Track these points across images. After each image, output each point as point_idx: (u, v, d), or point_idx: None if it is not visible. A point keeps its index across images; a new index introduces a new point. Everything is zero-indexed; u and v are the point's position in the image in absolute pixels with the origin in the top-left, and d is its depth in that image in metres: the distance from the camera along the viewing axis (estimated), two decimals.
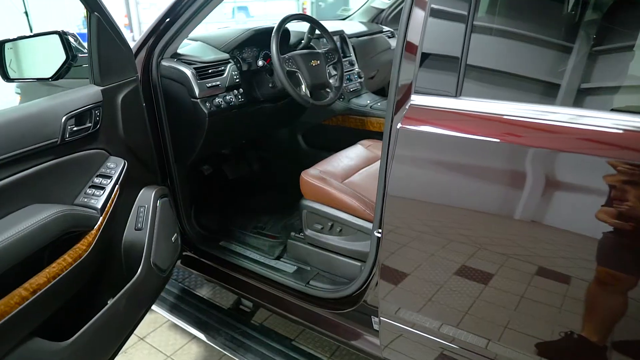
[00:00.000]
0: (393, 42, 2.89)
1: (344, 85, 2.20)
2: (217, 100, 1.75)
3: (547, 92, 1.03)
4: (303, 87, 1.81)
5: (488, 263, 1.04)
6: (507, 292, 1.04)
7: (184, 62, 1.73)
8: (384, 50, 2.78)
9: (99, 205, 1.30)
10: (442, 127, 1.05)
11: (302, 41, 2.08)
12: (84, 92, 1.33)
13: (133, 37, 7.88)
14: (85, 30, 1.37)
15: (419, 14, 1.06)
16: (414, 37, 1.08)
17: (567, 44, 1.05)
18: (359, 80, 2.41)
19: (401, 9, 3.04)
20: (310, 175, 1.68)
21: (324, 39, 2.29)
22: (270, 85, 1.92)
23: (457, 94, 1.04)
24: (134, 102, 1.53)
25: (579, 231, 0.91)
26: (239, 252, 1.91)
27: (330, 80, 1.97)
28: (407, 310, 1.23)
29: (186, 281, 2.26)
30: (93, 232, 1.27)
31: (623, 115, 0.86)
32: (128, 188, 1.45)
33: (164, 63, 1.72)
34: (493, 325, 1.10)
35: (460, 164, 1.04)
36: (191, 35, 2.00)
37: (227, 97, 1.79)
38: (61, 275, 1.14)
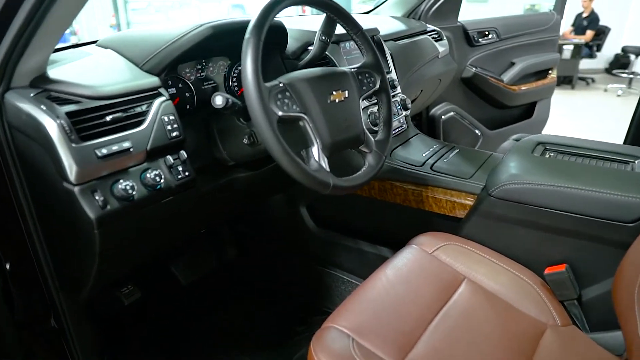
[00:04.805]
0: (440, 47, 1.93)
1: None
2: (121, 185, 0.78)
3: None
4: (315, 150, 0.85)
5: None
6: None
7: (53, 99, 0.78)
8: (430, 60, 1.82)
9: None
10: None
11: (310, 49, 1.11)
12: None
13: None
14: None
15: None
16: None
17: None
18: (404, 113, 1.44)
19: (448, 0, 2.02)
20: (332, 353, 0.74)
21: (346, 44, 1.33)
22: (245, 141, 0.95)
23: None
24: None
25: None
26: None
27: (362, 120, 0.99)
28: None
29: None
30: None
31: None
32: None
33: (12, 101, 0.77)
34: None
35: None
36: (103, 36, 1.07)
37: (150, 174, 0.82)
38: None
